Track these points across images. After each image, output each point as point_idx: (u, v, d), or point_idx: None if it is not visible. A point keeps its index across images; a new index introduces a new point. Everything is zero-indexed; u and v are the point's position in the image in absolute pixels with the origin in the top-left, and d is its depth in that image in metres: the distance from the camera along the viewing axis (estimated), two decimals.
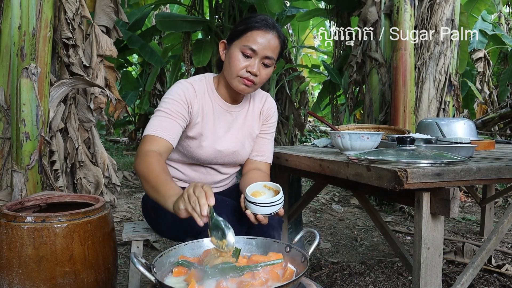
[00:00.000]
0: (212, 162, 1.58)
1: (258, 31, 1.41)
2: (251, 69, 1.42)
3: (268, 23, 1.42)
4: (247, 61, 1.42)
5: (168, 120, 1.42)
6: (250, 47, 1.41)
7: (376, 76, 4.42)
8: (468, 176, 1.31)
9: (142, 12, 6.38)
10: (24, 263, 1.39)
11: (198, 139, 1.52)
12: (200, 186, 1.05)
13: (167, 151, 1.39)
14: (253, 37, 1.41)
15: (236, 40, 1.44)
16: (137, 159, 1.33)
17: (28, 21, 2.46)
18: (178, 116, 1.43)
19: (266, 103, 1.66)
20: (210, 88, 1.56)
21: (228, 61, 1.46)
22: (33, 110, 2.48)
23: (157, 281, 0.92)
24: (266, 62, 1.44)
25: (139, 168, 1.29)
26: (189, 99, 1.47)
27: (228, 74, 1.47)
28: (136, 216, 3.63)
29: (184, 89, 1.48)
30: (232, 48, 1.45)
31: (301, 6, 6.78)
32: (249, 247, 1.16)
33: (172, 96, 1.46)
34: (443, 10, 4.13)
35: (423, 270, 1.35)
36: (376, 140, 1.65)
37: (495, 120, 5.91)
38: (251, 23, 1.42)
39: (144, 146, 1.37)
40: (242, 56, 1.42)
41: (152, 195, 1.23)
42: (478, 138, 2.31)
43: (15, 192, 2.44)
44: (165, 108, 1.43)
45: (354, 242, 3.06)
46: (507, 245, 2.96)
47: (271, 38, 1.42)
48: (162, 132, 1.39)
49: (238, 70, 1.43)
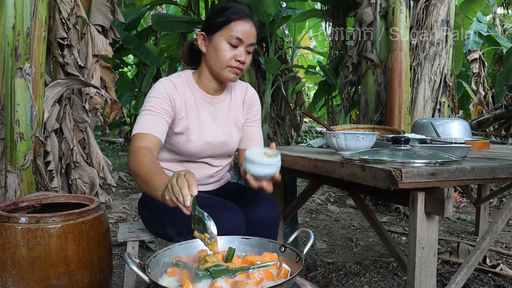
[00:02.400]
0: (203, 155, 1.59)
1: (241, 21, 1.47)
2: (240, 58, 1.48)
3: (247, 13, 1.50)
4: (234, 51, 1.48)
5: (153, 117, 1.44)
6: (237, 37, 1.46)
7: (372, 77, 4.43)
8: (462, 176, 1.32)
9: (138, 13, 6.36)
10: (18, 264, 1.39)
11: (186, 134, 1.54)
12: (183, 175, 1.03)
13: (156, 147, 1.42)
14: (236, 27, 1.46)
15: (218, 32, 1.48)
16: (129, 158, 1.36)
17: (23, 21, 2.45)
18: (162, 112, 1.46)
19: (248, 93, 1.70)
20: (191, 82, 1.59)
21: (214, 53, 1.49)
22: (27, 110, 2.47)
23: (151, 281, 0.92)
24: (250, 49, 1.51)
25: (131, 165, 1.31)
26: (170, 94, 1.50)
27: (216, 65, 1.51)
28: (131, 217, 3.62)
29: (165, 86, 1.51)
30: (216, 39, 1.48)
31: (297, 7, 6.78)
32: (244, 247, 1.16)
33: (155, 94, 1.49)
34: (438, 11, 4.14)
35: (418, 269, 1.35)
36: (371, 140, 1.66)
37: (490, 121, 5.94)
38: (231, 14, 1.47)
39: (134, 144, 1.39)
40: (229, 47, 1.47)
41: (145, 188, 1.24)
42: (473, 139, 2.32)
43: (9, 192, 2.43)
44: (149, 106, 1.46)
45: (350, 243, 3.06)
46: (502, 245, 2.97)
47: (252, 26, 1.50)
48: (150, 129, 1.41)
49: (227, 60, 1.48)
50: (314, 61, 11.15)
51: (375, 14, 4.41)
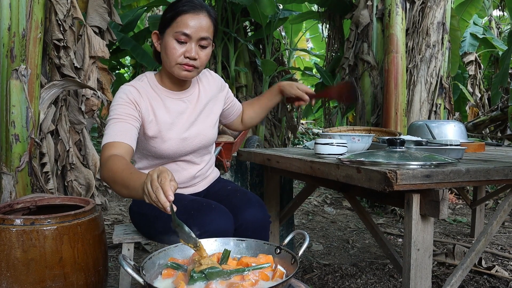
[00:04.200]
0: (182, 153, 1.56)
1: (188, 15, 1.39)
2: (189, 55, 1.41)
3: (196, 4, 1.41)
4: (183, 47, 1.41)
5: (120, 124, 1.39)
6: (183, 32, 1.39)
7: (368, 79, 4.45)
8: (457, 178, 1.32)
9: (135, 14, 6.36)
10: (12, 266, 1.38)
11: (159, 136, 1.50)
12: (156, 179, 0.98)
13: (128, 153, 1.36)
14: (183, 21, 1.39)
15: (168, 28, 1.42)
16: (101, 170, 1.30)
17: (18, 22, 2.44)
18: (129, 117, 1.41)
19: (214, 79, 1.68)
20: (153, 83, 1.54)
21: (164, 51, 1.45)
22: (23, 112, 2.47)
23: (146, 283, 0.92)
24: (203, 43, 1.43)
25: (105, 175, 1.26)
26: (133, 100, 1.45)
27: (167, 63, 1.46)
28: (127, 219, 3.61)
29: (126, 92, 1.46)
30: (166, 37, 1.43)
31: (293, 8, 6.80)
32: (239, 249, 1.16)
33: (118, 102, 1.44)
34: (434, 14, 4.17)
35: (413, 271, 1.36)
36: (366, 142, 1.66)
37: (486, 123, 5.97)
38: (178, 7, 1.40)
39: (105, 154, 1.34)
40: (177, 43, 1.41)
41: (125, 193, 1.19)
42: (468, 141, 2.33)
43: (5, 194, 2.42)
44: (115, 115, 1.41)
45: (346, 244, 3.06)
46: (497, 247, 2.98)
47: (202, 18, 1.41)
48: (119, 137, 1.36)
49: (176, 58, 1.42)
50: (310, 63, 11.16)
51: (372, 16, 4.43)
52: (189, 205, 1.42)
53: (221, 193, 1.63)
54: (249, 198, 1.50)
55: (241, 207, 1.46)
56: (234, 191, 1.59)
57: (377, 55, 4.42)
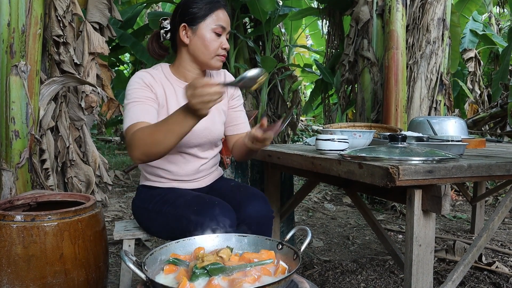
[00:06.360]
0: (188, 145, 1.56)
1: (222, 10, 1.50)
2: (226, 46, 1.52)
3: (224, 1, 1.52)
4: (220, 39, 1.51)
5: (140, 105, 1.42)
6: (222, 26, 1.49)
7: (368, 75, 4.44)
8: (459, 173, 1.32)
9: (134, 11, 6.33)
10: (13, 262, 1.38)
11: None
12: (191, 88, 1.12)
13: None
14: (219, 16, 1.49)
15: (202, 22, 1.48)
16: (131, 148, 1.30)
17: (18, 18, 2.43)
18: (147, 100, 1.45)
19: (227, 78, 1.69)
20: (168, 73, 1.58)
21: (201, 44, 1.49)
22: (23, 108, 2.46)
23: (148, 278, 0.91)
24: (227, 36, 1.54)
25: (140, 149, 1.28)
26: (149, 84, 1.49)
27: (204, 55, 1.51)
28: (127, 215, 3.61)
29: (142, 77, 1.49)
30: (201, 30, 1.48)
31: (293, 5, 6.78)
32: (241, 245, 1.15)
33: (134, 86, 1.47)
34: (434, 10, 4.15)
35: (415, 267, 1.35)
36: (368, 138, 1.66)
37: (486, 120, 5.97)
38: (212, 2, 1.48)
39: (128, 134, 1.35)
40: (216, 36, 1.49)
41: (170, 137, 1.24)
42: (469, 137, 2.33)
43: (5, 191, 2.41)
44: (132, 98, 1.43)
45: (346, 241, 3.07)
46: (498, 243, 2.98)
47: (227, 13, 1.54)
48: (142, 117, 1.38)
49: (216, 49, 1.50)
50: (310, 60, 11.14)
51: (372, 13, 4.41)
52: (192, 201, 1.42)
53: (225, 189, 1.63)
54: (252, 192, 1.51)
55: (245, 201, 1.46)
56: (237, 186, 1.60)
57: (377, 52, 4.41)
